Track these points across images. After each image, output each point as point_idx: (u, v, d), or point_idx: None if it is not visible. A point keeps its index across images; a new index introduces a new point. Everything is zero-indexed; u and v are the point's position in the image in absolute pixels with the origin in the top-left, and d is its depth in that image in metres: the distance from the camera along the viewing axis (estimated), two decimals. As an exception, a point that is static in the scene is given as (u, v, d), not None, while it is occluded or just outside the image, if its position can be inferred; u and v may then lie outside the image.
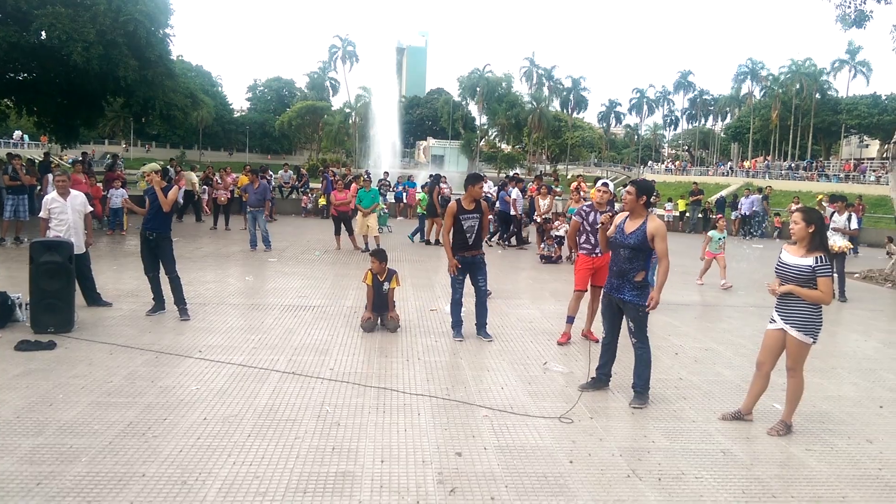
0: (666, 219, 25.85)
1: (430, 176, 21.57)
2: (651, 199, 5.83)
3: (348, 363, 6.59)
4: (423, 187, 21.24)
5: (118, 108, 25.98)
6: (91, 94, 20.92)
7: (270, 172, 26.09)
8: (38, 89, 20.83)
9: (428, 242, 16.80)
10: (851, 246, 12.54)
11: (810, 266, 4.96)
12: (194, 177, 21.44)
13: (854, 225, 12.31)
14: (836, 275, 11.75)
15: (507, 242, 17.60)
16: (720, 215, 18.84)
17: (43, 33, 17.62)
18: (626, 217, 5.81)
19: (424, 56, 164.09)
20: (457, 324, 7.77)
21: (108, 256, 12.88)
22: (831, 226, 12.01)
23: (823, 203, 24.18)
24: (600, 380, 6.12)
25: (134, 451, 4.42)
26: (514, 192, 17.13)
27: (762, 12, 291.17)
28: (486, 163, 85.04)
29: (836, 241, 11.85)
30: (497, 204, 17.67)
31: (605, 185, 7.91)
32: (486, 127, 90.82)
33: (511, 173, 36.16)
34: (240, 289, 10.38)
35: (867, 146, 73.24)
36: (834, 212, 12.42)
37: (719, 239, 12.52)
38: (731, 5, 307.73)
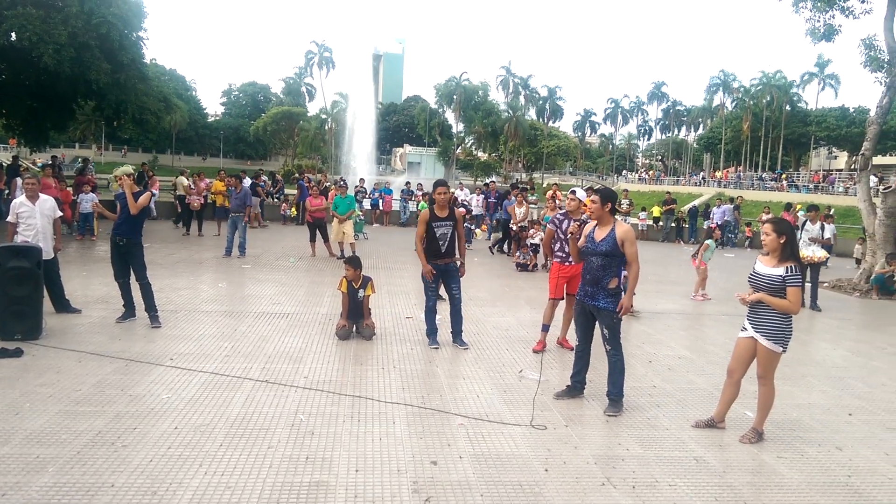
0: (640, 227, 26.11)
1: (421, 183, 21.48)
2: (616, 206, 5.91)
3: (323, 371, 6.54)
4: (424, 195, 21.15)
5: (89, 111, 25.66)
6: (62, 97, 20.63)
7: (264, 178, 25.78)
8: (7, 91, 20.51)
9: None
10: (827, 255, 12.74)
11: (781, 276, 5.04)
12: (185, 181, 21.32)
13: (827, 234, 12.48)
14: (809, 284, 11.92)
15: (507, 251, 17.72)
16: (716, 225, 18.98)
17: (13, 35, 17.37)
18: (595, 226, 5.88)
19: (401, 63, 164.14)
20: (432, 331, 7.75)
21: (77, 262, 12.66)
22: (805, 235, 12.17)
23: (799, 213, 24.63)
24: (575, 387, 6.14)
25: (103, 460, 4.33)
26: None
27: (734, 25, 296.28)
28: (462, 170, 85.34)
29: (815, 252, 12.00)
30: (500, 213, 17.77)
31: (573, 192, 7.98)
32: (462, 135, 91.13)
33: (488, 180, 36.28)
34: (213, 295, 10.26)
35: (836, 157, 74.79)
36: (806, 220, 12.58)
37: (713, 249, 12.61)
38: (704, 18, 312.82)
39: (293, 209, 23.65)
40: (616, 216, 5.97)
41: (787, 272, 5.02)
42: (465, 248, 7.69)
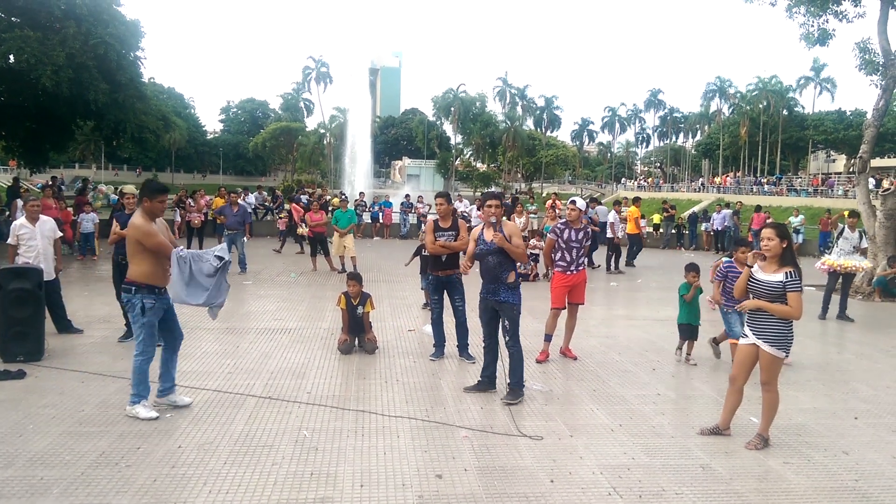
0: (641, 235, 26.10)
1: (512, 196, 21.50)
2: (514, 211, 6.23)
3: (326, 386, 6.53)
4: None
5: (88, 131, 25.74)
6: (61, 118, 20.72)
7: (310, 189, 25.69)
8: (6, 113, 20.59)
9: None
10: (871, 265, 12.55)
11: (781, 282, 5.03)
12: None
13: (865, 243, 12.15)
14: (840, 293, 11.57)
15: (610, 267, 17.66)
16: (751, 249, 18.90)
17: (11, 57, 17.47)
18: (482, 228, 6.28)
19: (398, 76, 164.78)
20: (436, 343, 7.74)
21: (79, 282, 12.67)
22: (846, 244, 11.71)
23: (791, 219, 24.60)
24: (485, 382, 6.41)
25: (107, 481, 4.32)
26: (612, 216, 17.06)
27: (729, 32, 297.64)
28: (461, 182, 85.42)
29: (859, 262, 11.64)
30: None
31: (573, 202, 8.00)
32: (461, 146, 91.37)
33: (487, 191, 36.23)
34: (214, 312, 10.23)
35: (834, 161, 74.93)
36: (844, 227, 12.10)
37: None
38: (698, 25, 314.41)
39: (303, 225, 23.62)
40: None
41: (786, 277, 5.02)
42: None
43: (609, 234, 17.18)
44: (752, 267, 5.24)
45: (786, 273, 5.03)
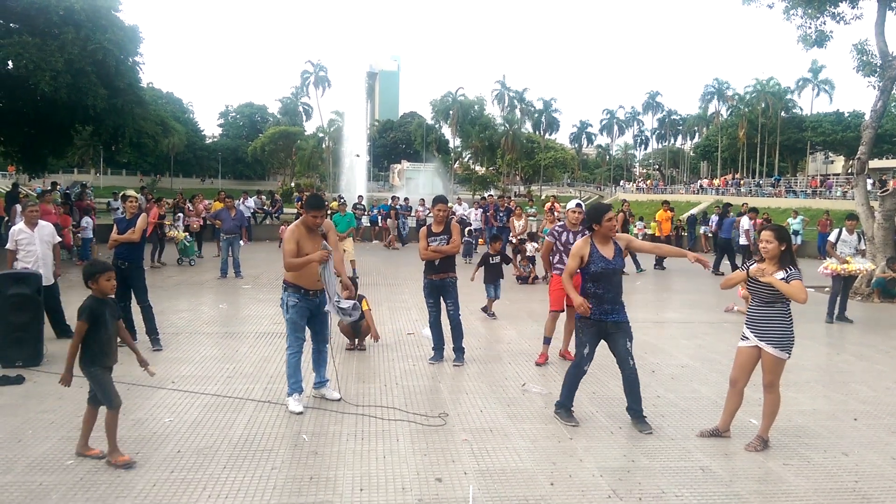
0: (640, 237, 26.12)
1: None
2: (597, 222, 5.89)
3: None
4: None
5: (87, 136, 25.75)
6: (59, 124, 20.71)
7: (309, 192, 25.88)
8: (4, 119, 20.59)
9: None
10: (874, 267, 12.47)
11: (783, 279, 5.03)
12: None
13: (864, 245, 12.06)
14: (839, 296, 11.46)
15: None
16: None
17: (10, 63, 17.49)
18: (592, 240, 5.72)
19: (397, 80, 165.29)
20: (435, 346, 7.74)
21: (78, 287, 12.58)
22: (844, 247, 11.60)
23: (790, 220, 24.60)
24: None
25: (106, 486, 4.31)
26: (746, 222, 17.03)
27: (727, 34, 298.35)
28: (460, 184, 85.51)
29: (864, 264, 11.51)
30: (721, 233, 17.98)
31: (579, 205, 7.98)
32: (459, 149, 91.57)
33: (486, 194, 36.20)
34: (213, 317, 10.25)
35: (832, 162, 75.03)
36: (842, 229, 11.97)
37: None
38: (696, 27, 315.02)
39: None
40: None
41: (787, 273, 5.03)
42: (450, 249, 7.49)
43: (744, 241, 16.58)
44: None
45: (786, 270, 5.05)
